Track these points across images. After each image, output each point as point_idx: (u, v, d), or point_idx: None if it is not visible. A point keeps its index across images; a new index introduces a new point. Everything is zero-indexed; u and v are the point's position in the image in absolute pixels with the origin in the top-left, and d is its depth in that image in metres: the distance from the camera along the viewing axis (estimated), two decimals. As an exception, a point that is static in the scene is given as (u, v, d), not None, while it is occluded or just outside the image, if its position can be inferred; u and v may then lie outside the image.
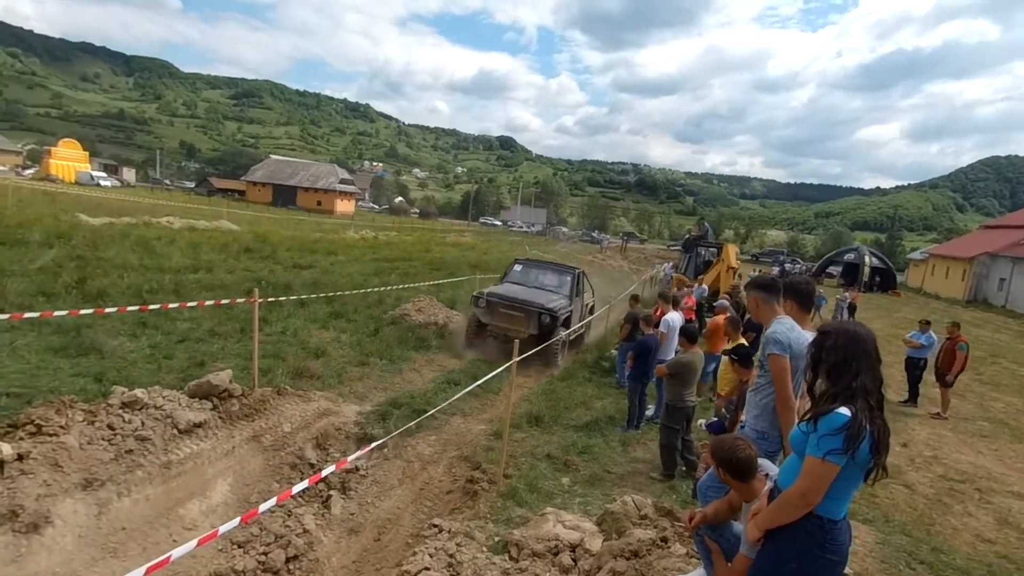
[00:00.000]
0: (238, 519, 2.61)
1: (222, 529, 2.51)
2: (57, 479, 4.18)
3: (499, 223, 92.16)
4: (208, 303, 6.94)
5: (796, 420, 2.67)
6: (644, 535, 3.48)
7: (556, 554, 3.80)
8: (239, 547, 4.53)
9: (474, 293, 10.16)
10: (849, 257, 42.38)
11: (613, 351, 10.09)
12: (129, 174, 79.46)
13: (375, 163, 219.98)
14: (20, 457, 4.09)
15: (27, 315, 5.42)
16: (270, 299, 9.08)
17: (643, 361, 6.88)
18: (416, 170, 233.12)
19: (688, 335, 6.06)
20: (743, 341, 5.77)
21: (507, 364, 5.34)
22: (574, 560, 3.77)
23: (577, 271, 11.25)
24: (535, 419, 7.01)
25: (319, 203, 65.87)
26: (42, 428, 4.43)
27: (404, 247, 27.37)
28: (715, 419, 4.70)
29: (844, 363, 2.15)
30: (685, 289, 13.47)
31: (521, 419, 6.90)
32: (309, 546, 4.78)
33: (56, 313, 5.47)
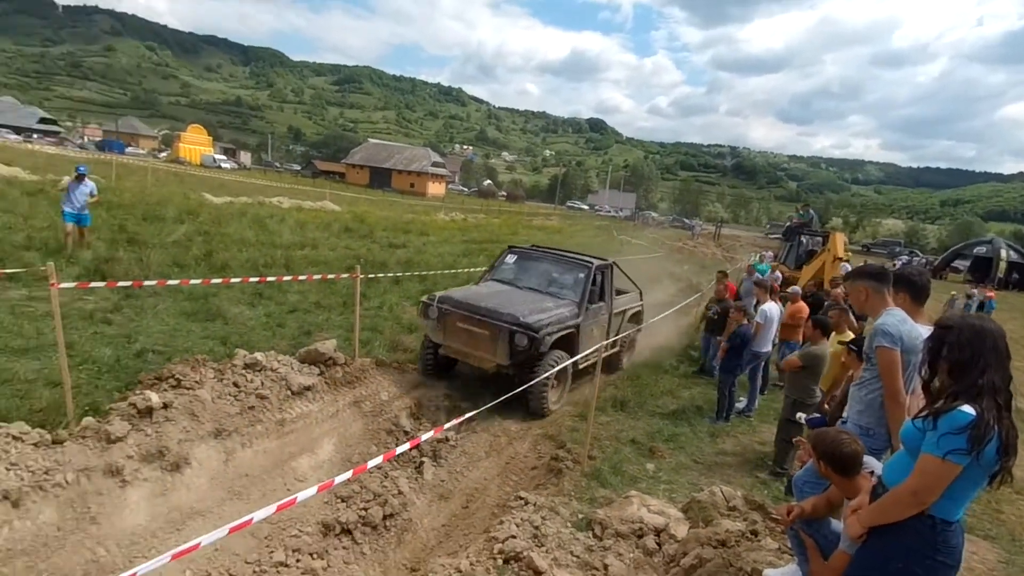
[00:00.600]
0: (350, 472, 2.88)
1: (338, 479, 2.78)
2: (193, 427, 4.76)
3: (586, 207, 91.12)
4: (316, 277, 7.49)
5: (906, 417, 2.51)
6: (733, 526, 3.43)
7: (640, 536, 3.83)
8: (342, 501, 4.94)
9: (424, 297, 6.98)
10: (981, 250, 37.86)
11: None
12: (245, 157, 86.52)
13: (465, 146, 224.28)
14: (165, 406, 4.69)
15: (169, 282, 6.15)
16: (369, 276, 9.64)
17: (737, 352, 6.63)
18: (505, 153, 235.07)
19: (822, 326, 5.63)
20: (851, 334, 5.40)
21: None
22: (658, 544, 3.78)
23: (600, 264, 7.65)
24: (620, 404, 7.00)
25: (412, 185, 68.39)
26: (181, 382, 5.04)
27: (491, 229, 27.85)
28: (816, 414, 4.47)
29: (970, 359, 2.00)
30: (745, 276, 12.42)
31: (606, 403, 6.92)
32: (403, 506, 5.11)
33: (192, 282, 6.15)
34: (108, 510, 4.01)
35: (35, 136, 57.71)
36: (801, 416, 5.15)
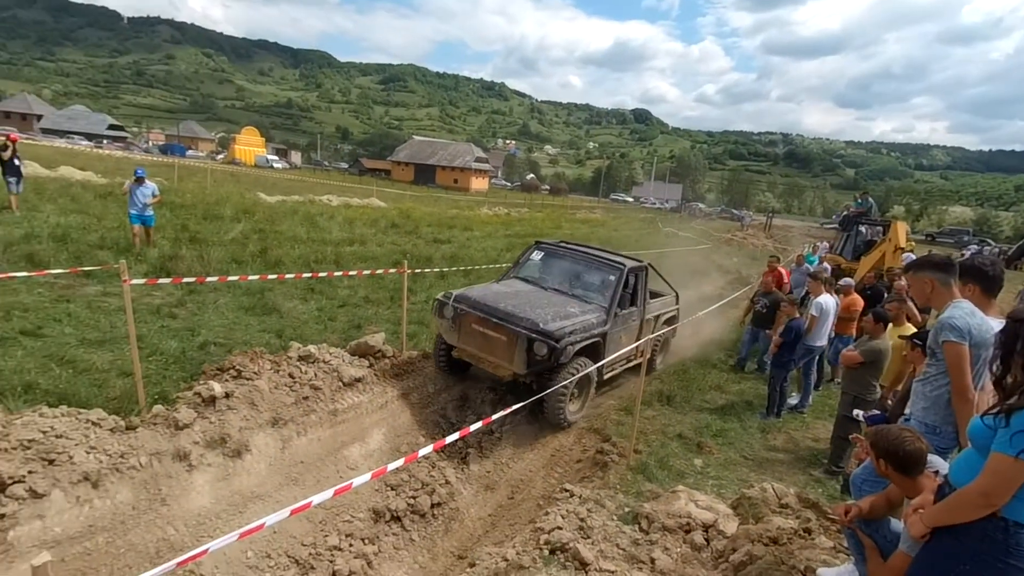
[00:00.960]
0: (402, 459, 2.97)
1: (391, 466, 2.88)
2: (253, 415, 4.99)
3: (630, 199, 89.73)
4: (365, 273, 7.69)
5: (974, 414, 2.39)
6: (785, 523, 3.34)
7: (688, 531, 3.79)
8: (392, 489, 5.09)
9: (439, 295, 6.47)
10: (1060, 238, 35.12)
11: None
12: (296, 157, 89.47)
13: (508, 141, 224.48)
14: (227, 395, 4.94)
15: (229, 278, 6.44)
16: (416, 271, 9.82)
17: (790, 347, 6.42)
18: (547, 147, 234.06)
19: (882, 319, 5.35)
20: (911, 327, 5.15)
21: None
22: (707, 540, 3.73)
23: (634, 266, 7.10)
24: (667, 398, 6.91)
25: (456, 181, 69.05)
26: (241, 373, 5.30)
27: (535, 223, 27.83)
28: (875, 411, 4.29)
29: None
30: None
31: (652, 397, 6.84)
32: (450, 496, 5.23)
33: (249, 277, 6.43)
34: (177, 492, 4.27)
35: (104, 142, 61.29)
36: (859, 413, 4.95)
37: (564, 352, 5.49)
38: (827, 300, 6.79)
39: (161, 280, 5.93)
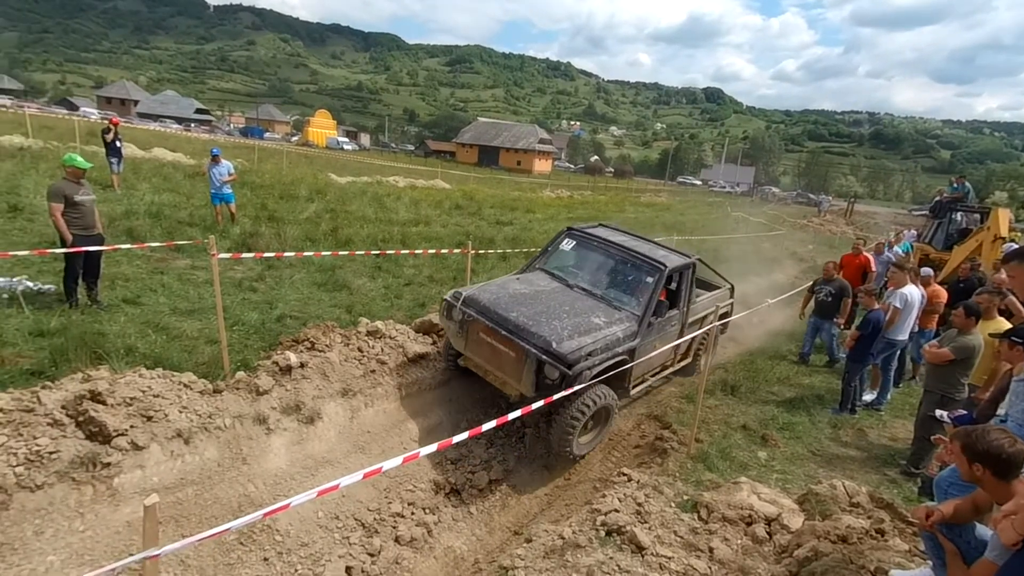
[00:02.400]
0: (466, 433, 3.08)
1: (456, 439, 2.98)
2: (324, 386, 5.27)
3: (698, 182, 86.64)
4: (430, 252, 7.86)
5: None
6: (856, 522, 3.21)
7: (749, 524, 3.71)
8: (452, 464, 5.27)
9: (447, 295, 5.75)
10: None
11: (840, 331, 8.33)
12: (365, 139, 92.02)
13: (572, 122, 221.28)
14: (301, 365, 5.24)
15: (305, 254, 6.77)
16: (479, 252, 9.95)
17: (868, 340, 6.06)
18: (613, 128, 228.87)
19: (974, 313, 4.93)
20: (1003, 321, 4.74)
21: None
22: (769, 533, 3.64)
23: (678, 265, 6.18)
24: (731, 388, 6.73)
25: (519, 163, 68.95)
26: (314, 345, 5.59)
27: (598, 206, 27.46)
28: (963, 411, 4.00)
29: None
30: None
31: (715, 386, 6.68)
32: (507, 473, 5.35)
33: (323, 254, 6.73)
34: (256, 453, 4.60)
35: (192, 125, 65.35)
36: (943, 414, 4.64)
37: (579, 378, 4.68)
38: (912, 292, 6.34)
39: (245, 255, 6.31)
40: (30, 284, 6.09)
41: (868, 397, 6.70)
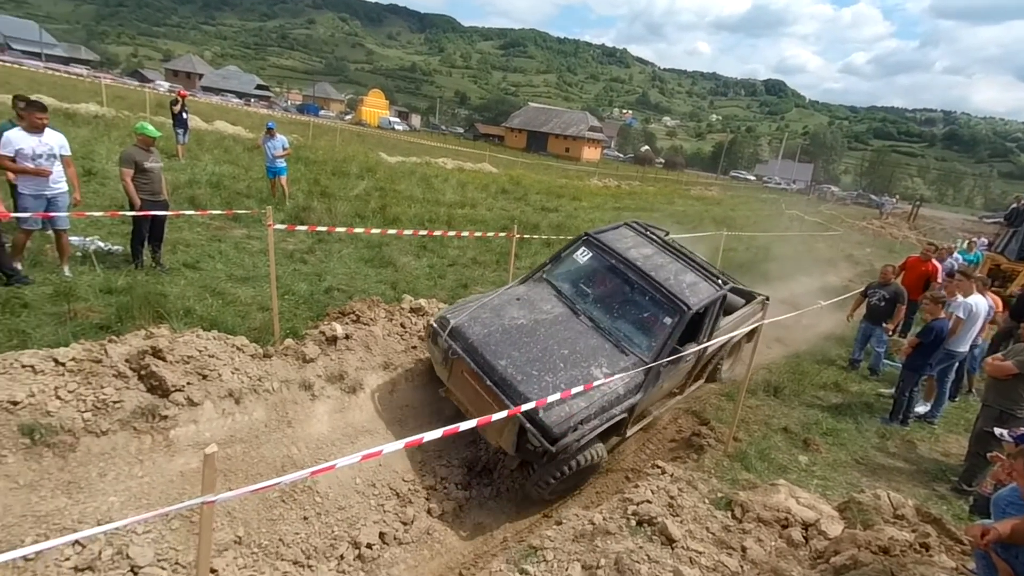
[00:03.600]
0: (505, 412, 3.12)
1: (495, 416, 3.03)
2: (367, 358, 5.43)
3: (752, 178, 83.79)
4: (476, 234, 7.92)
5: None
6: (900, 535, 3.10)
7: (785, 527, 3.63)
8: (486, 443, 5.34)
9: (433, 320, 5.23)
10: None
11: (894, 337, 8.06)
12: (415, 120, 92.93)
13: (625, 110, 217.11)
14: (346, 337, 5.40)
15: (356, 230, 6.94)
16: (524, 236, 9.96)
17: (928, 349, 5.77)
18: (666, 118, 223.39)
19: None
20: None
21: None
22: (805, 538, 3.56)
23: (706, 301, 5.24)
24: (774, 389, 6.55)
25: (567, 150, 68.30)
26: (359, 318, 5.75)
27: (646, 198, 26.99)
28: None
29: None
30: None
31: (757, 386, 6.52)
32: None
33: (372, 231, 6.88)
34: (301, 417, 4.79)
35: (251, 100, 67.44)
36: (1003, 432, 4.40)
37: (563, 451, 4.22)
38: (978, 301, 6.01)
39: (299, 227, 6.52)
40: (101, 244, 6.47)
41: (921, 409, 6.41)
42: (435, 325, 5.07)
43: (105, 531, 3.13)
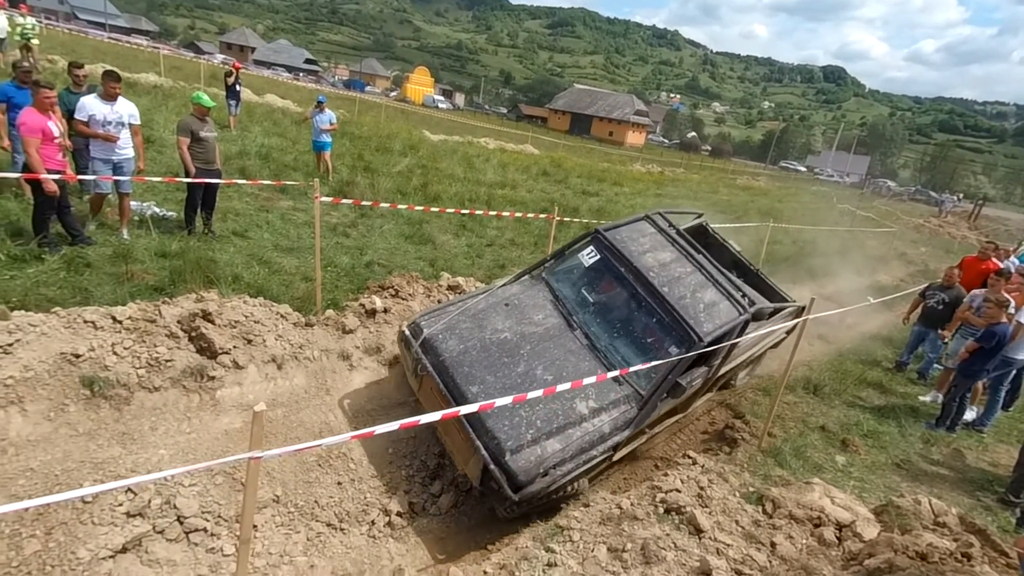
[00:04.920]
0: (541, 390, 3.15)
1: (530, 394, 3.07)
2: (404, 332, 5.53)
3: (802, 169, 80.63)
4: (517, 215, 7.91)
5: None
6: (940, 542, 3.01)
7: (818, 525, 3.56)
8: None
9: (406, 326, 4.59)
10: None
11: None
12: (459, 98, 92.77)
13: (672, 95, 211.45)
14: (385, 310, 5.51)
15: (399, 206, 7.03)
16: (563, 219, 9.89)
17: (986, 355, 5.49)
18: (715, 104, 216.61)
19: None
20: None
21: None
22: (838, 538, 3.48)
23: (724, 327, 4.47)
24: (813, 387, 6.39)
25: (611, 133, 67.16)
26: (398, 293, 5.85)
27: (689, 185, 26.37)
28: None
29: None
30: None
31: (796, 382, 6.36)
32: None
33: (416, 208, 6.95)
34: (339, 385, 4.93)
35: (300, 74, 68.50)
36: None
37: (529, 498, 3.69)
38: (1044, 308, 5.68)
39: (344, 200, 6.65)
40: (157, 210, 6.75)
41: (970, 415, 6.14)
42: (407, 332, 4.50)
43: (158, 478, 3.32)
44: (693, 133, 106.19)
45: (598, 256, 4.94)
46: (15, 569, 2.82)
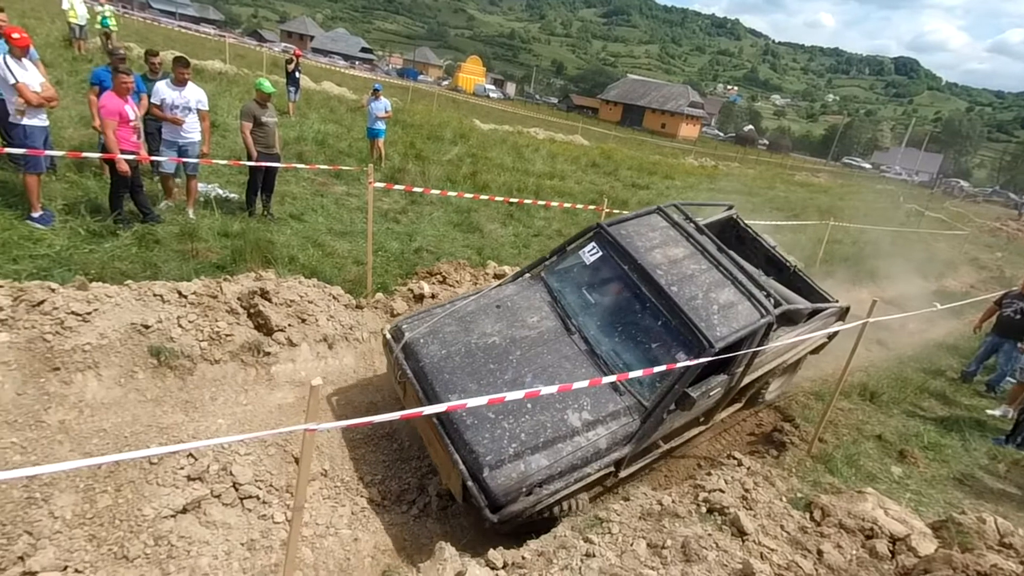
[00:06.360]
0: (587, 381, 3.15)
1: (576, 385, 3.06)
2: (450, 318, 5.60)
3: (867, 166, 76.60)
4: (565, 205, 7.87)
5: None
6: (1005, 564, 2.84)
7: (869, 537, 3.42)
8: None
9: (388, 329, 4.33)
10: None
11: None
12: (510, 88, 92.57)
13: (730, 86, 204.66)
14: (432, 296, 5.60)
15: (449, 194, 7.12)
16: (612, 211, 9.78)
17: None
18: (775, 96, 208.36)
19: None
20: None
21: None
22: (891, 552, 3.34)
23: (741, 331, 4.00)
24: (870, 394, 6.11)
25: (663, 125, 65.67)
26: (446, 279, 5.94)
27: (744, 180, 25.51)
28: None
29: None
30: None
31: (852, 388, 6.11)
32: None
33: (465, 195, 7.01)
34: (385, 368, 5.05)
35: (355, 63, 69.86)
36: None
37: (510, 518, 3.35)
38: None
39: (396, 187, 6.78)
40: (221, 191, 7.05)
41: (1044, 434, 5.75)
42: (388, 335, 4.21)
43: (219, 444, 3.49)
44: (750, 126, 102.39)
45: (600, 253, 4.51)
46: (89, 520, 3.04)
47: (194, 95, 5.98)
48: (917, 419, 5.76)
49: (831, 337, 5.59)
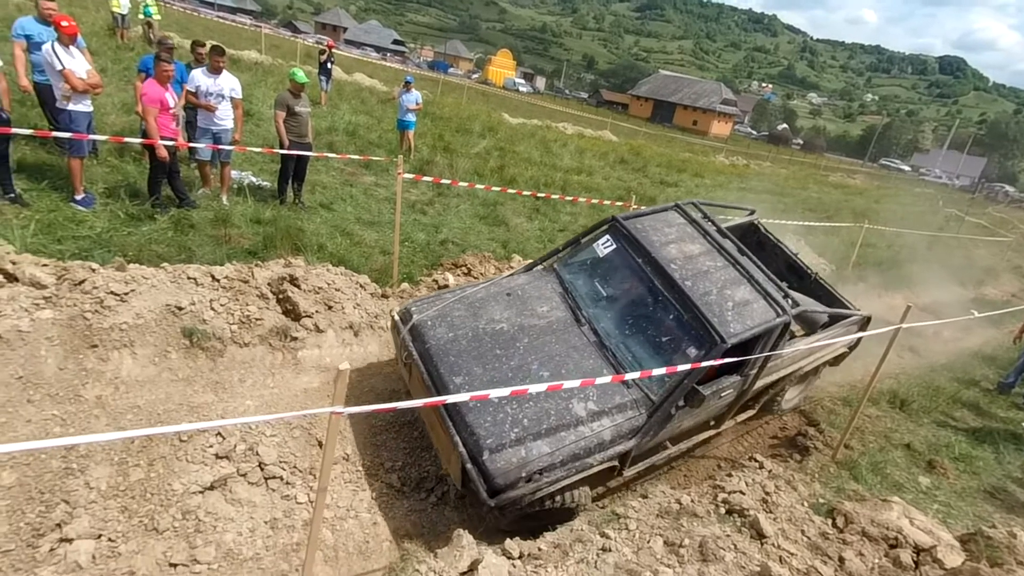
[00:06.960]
0: (610, 376, 3.15)
1: (598, 380, 3.08)
2: (474, 310, 5.64)
3: (906, 168, 74.23)
4: (593, 201, 7.83)
5: None
6: (1035, 580, 2.76)
7: (893, 547, 3.36)
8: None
9: (396, 311, 4.31)
10: None
11: None
12: (540, 82, 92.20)
13: (764, 84, 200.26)
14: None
15: (477, 186, 7.14)
16: (640, 208, 9.69)
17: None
18: (812, 94, 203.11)
19: None
20: None
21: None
22: (915, 563, 3.27)
23: (754, 330, 3.89)
24: (900, 402, 5.96)
25: (695, 122, 64.67)
26: (470, 271, 5.98)
27: (776, 180, 25.00)
28: None
29: None
30: None
31: (881, 395, 5.97)
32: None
33: (493, 188, 7.03)
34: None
35: (387, 55, 70.37)
36: None
37: (505, 507, 3.29)
38: None
39: (426, 178, 6.85)
40: (254, 179, 7.21)
41: (1084, 450, 5.54)
42: (396, 317, 4.23)
43: (246, 423, 3.59)
44: (784, 125, 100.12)
45: (614, 246, 4.46)
46: (122, 492, 3.16)
47: (228, 83, 6.11)
48: (948, 429, 5.61)
49: (852, 348, 5.42)
